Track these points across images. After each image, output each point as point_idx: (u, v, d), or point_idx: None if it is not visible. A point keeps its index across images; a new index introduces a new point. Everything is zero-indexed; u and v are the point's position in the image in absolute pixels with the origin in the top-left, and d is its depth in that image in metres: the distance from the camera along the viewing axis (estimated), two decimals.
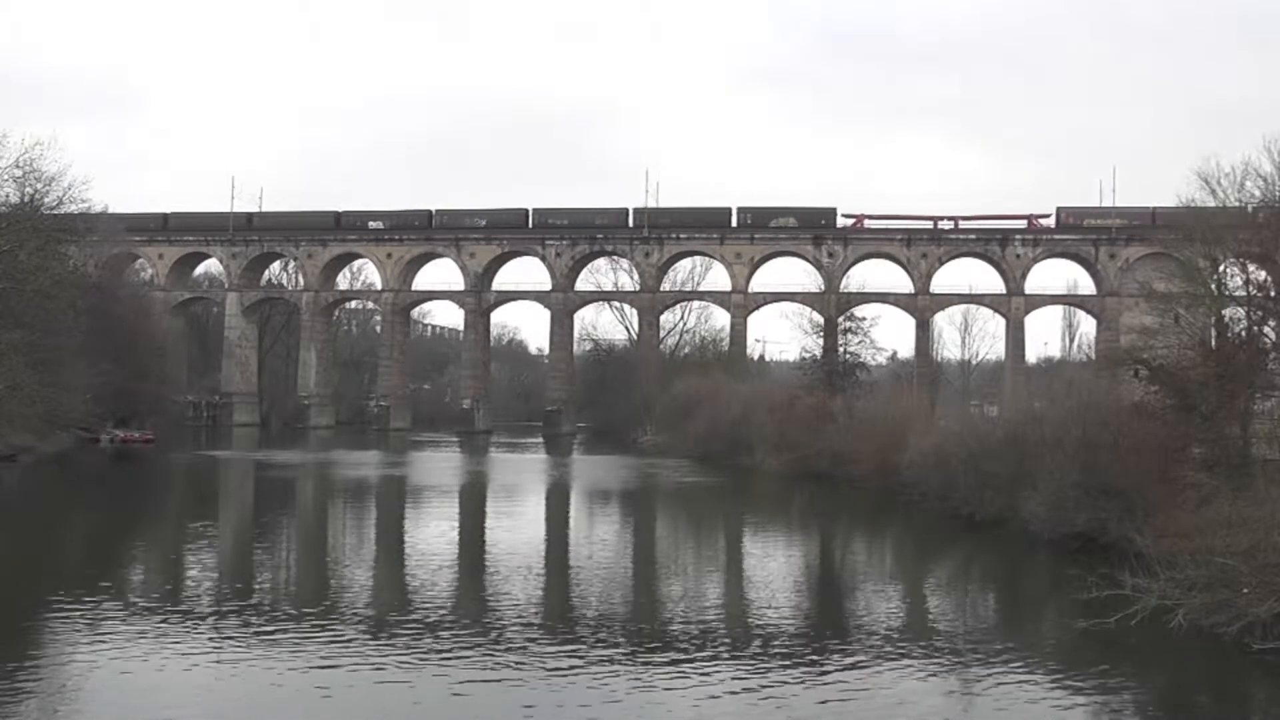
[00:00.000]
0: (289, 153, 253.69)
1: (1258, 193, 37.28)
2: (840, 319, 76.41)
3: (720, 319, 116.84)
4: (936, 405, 73.05)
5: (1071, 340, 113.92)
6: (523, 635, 20.34)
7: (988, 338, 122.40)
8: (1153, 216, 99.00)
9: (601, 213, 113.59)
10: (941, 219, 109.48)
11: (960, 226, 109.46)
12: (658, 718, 15.76)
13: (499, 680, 17.21)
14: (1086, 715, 16.62)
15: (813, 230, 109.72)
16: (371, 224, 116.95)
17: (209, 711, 15.50)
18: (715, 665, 18.38)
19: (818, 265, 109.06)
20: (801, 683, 17.45)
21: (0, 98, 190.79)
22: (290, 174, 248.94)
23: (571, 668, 17.99)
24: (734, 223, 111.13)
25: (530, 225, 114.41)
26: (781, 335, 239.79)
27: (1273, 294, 34.15)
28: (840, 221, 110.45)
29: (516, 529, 40.10)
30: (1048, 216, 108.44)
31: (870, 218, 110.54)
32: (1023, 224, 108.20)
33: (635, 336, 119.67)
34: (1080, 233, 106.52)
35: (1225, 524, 22.33)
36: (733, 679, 17.51)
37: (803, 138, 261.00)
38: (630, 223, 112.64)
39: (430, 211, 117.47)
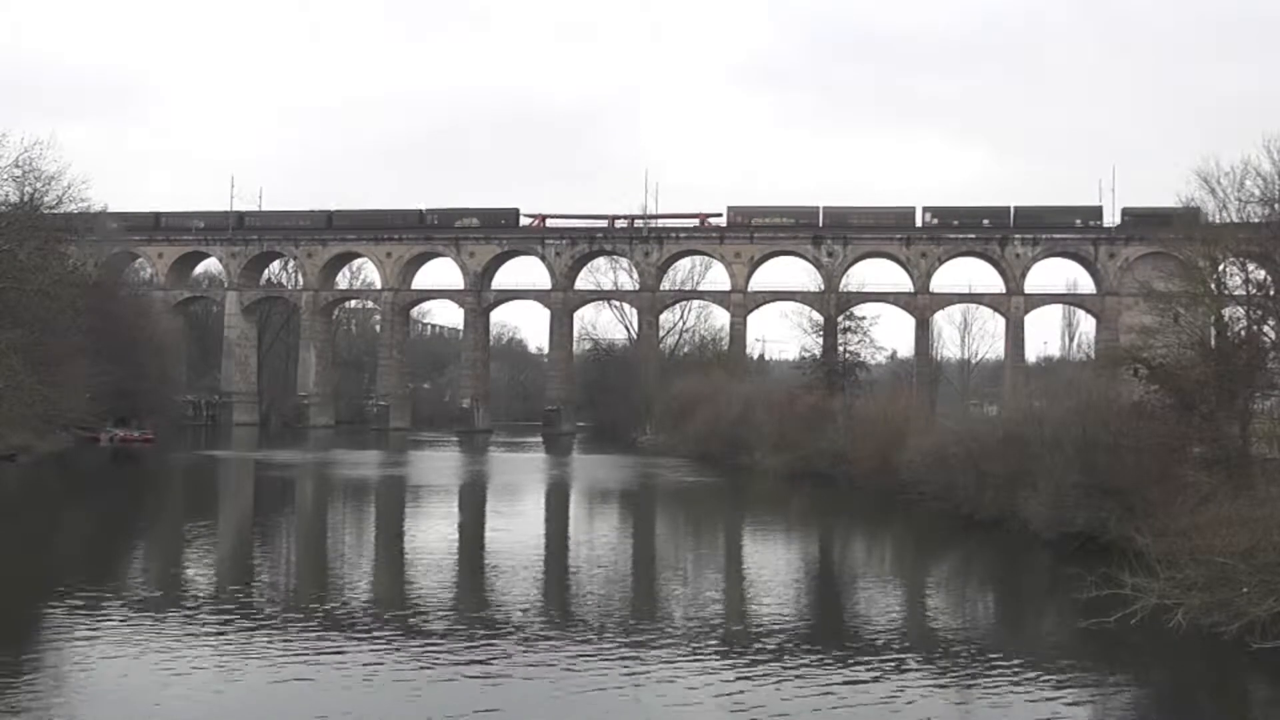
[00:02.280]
0: (289, 152, 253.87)
1: (1257, 192, 37.27)
2: (840, 318, 76.35)
3: (720, 318, 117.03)
4: (936, 405, 73.20)
5: (1071, 339, 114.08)
6: (523, 634, 20.34)
7: (987, 337, 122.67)
8: (819, 215, 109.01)
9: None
10: (619, 217, 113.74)
11: (636, 225, 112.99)
12: (657, 716, 15.75)
13: (499, 679, 17.20)
14: (1086, 714, 16.62)
15: (496, 230, 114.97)
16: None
17: (209, 711, 15.50)
18: (715, 664, 18.38)
19: (817, 264, 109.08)
20: (801, 682, 17.44)
21: (0, 97, 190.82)
22: (291, 173, 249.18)
23: (571, 667, 17.99)
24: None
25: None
26: (781, 335, 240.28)
27: (1272, 293, 34.11)
28: (522, 220, 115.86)
29: (516, 528, 40.09)
30: (719, 215, 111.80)
31: (551, 217, 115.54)
32: (695, 223, 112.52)
33: (635, 336, 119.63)
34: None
35: (1225, 523, 22.32)
36: (732, 678, 17.52)
37: (803, 138, 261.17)
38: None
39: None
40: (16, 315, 55.04)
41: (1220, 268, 35.44)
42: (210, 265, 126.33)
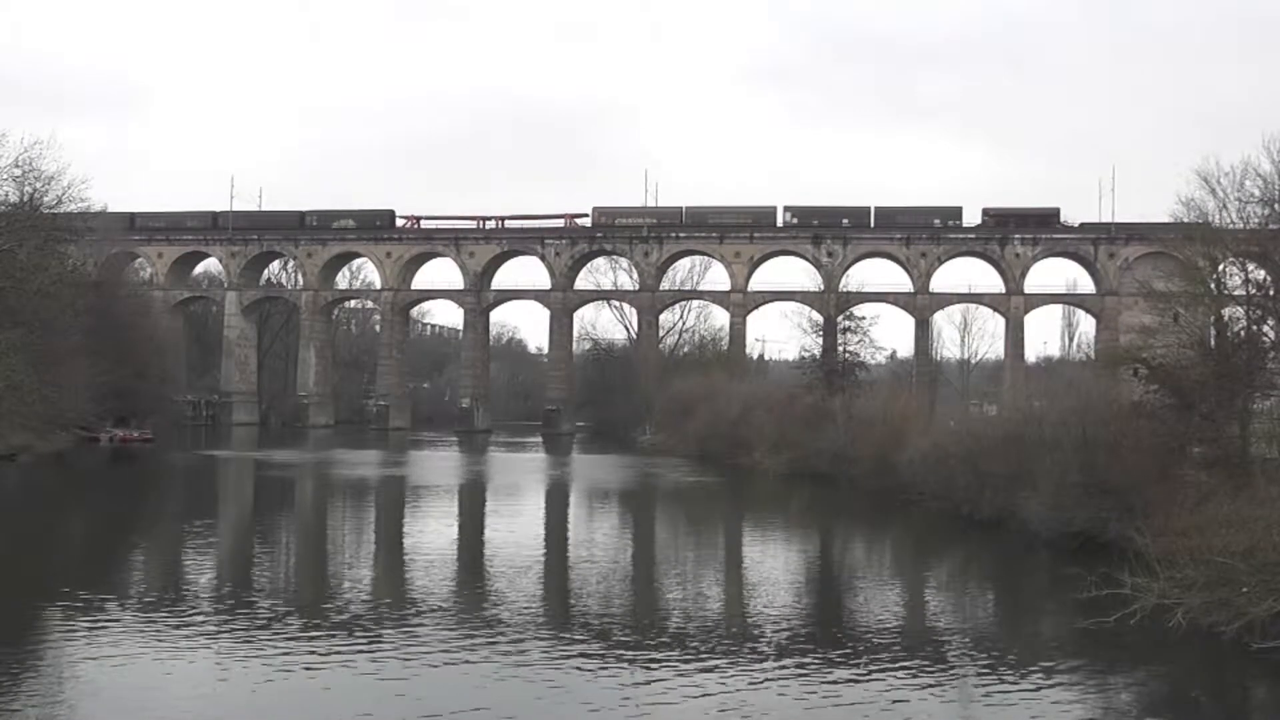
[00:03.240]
0: (289, 152, 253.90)
1: (1257, 192, 37.31)
2: (839, 318, 76.28)
3: (719, 318, 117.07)
4: (936, 404, 73.16)
5: (1071, 339, 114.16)
6: (523, 634, 20.33)
7: (987, 337, 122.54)
8: (681, 215, 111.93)
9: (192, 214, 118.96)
10: (488, 219, 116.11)
11: (507, 226, 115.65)
12: (656, 716, 15.75)
13: (499, 679, 17.20)
14: (1085, 714, 16.61)
15: (371, 231, 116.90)
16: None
17: (209, 711, 15.50)
18: (714, 664, 18.37)
19: (817, 264, 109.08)
20: (800, 681, 17.44)
21: (0, 97, 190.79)
22: (291, 174, 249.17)
23: (571, 667, 17.99)
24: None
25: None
26: (781, 334, 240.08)
27: (1272, 293, 34.11)
28: (398, 222, 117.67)
29: (516, 529, 40.07)
30: (584, 216, 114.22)
31: (425, 218, 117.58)
32: (561, 223, 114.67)
33: (634, 336, 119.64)
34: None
35: (1224, 523, 22.33)
36: (732, 677, 17.52)
37: (803, 137, 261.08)
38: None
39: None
40: (16, 315, 55.08)
41: (1220, 267, 35.46)
42: (210, 265, 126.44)
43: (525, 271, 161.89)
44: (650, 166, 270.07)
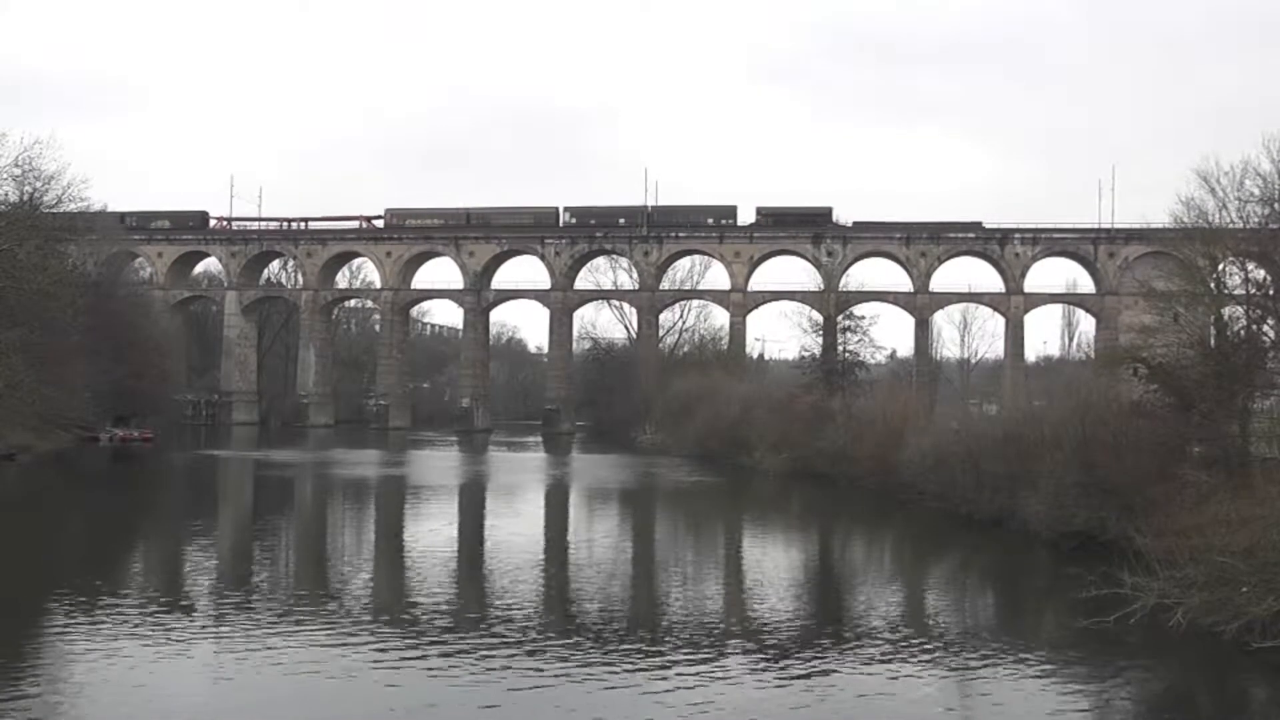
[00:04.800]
0: (289, 152, 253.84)
1: (1257, 191, 37.27)
2: (839, 318, 76.37)
3: (719, 318, 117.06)
4: (935, 404, 73.17)
5: (1071, 339, 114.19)
6: (522, 633, 20.34)
7: (987, 336, 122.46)
8: (467, 217, 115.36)
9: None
10: (309, 219, 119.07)
11: (311, 228, 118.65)
12: (656, 715, 15.75)
13: (499, 679, 17.20)
14: (1085, 714, 16.62)
15: (185, 231, 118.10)
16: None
17: (208, 710, 15.50)
18: (715, 663, 18.37)
19: (817, 264, 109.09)
20: (799, 681, 17.45)
21: (0, 97, 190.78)
22: (291, 174, 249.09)
23: (571, 666, 17.98)
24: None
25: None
26: (781, 334, 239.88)
27: (1271, 293, 34.10)
28: (211, 223, 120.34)
29: (516, 529, 40.07)
30: (380, 217, 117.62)
31: (236, 220, 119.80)
32: (356, 224, 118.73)
33: (634, 335, 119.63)
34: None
35: (1224, 523, 22.34)
36: (732, 676, 17.52)
37: (804, 138, 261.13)
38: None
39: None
40: (16, 315, 55.05)
41: (1220, 267, 35.45)
42: (210, 265, 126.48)
43: (525, 271, 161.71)
44: (656, 166, 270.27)
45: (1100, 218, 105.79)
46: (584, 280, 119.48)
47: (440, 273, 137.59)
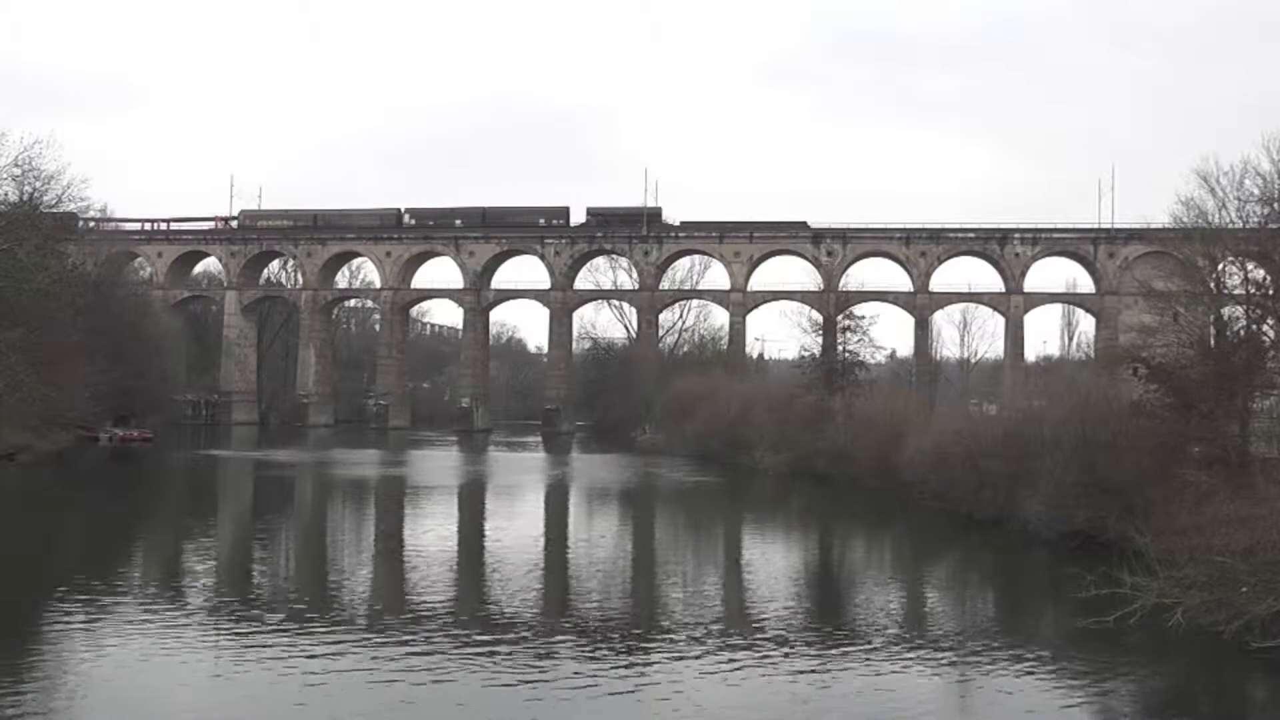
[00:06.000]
0: (289, 152, 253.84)
1: (1256, 191, 37.27)
2: (839, 317, 76.11)
3: (719, 317, 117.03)
4: (935, 404, 73.09)
5: (1070, 339, 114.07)
6: (522, 633, 20.35)
7: (987, 336, 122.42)
8: (314, 218, 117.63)
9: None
10: (147, 220, 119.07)
11: (172, 229, 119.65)
12: (656, 714, 15.76)
13: (500, 679, 17.20)
14: (1085, 714, 16.63)
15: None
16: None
17: (208, 710, 15.50)
18: (715, 663, 18.37)
19: (816, 264, 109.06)
20: (800, 680, 17.45)
21: (0, 97, 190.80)
22: (290, 174, 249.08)
23: (571, 665, 17.99)
24: None
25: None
26: (780, 334, 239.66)
27: (1271, 292, 34.11)
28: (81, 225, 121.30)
29: (516, 529, 40.08)
30: (235, 219, 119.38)
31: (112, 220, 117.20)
32: (211, 224, 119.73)
33: (634, 335, 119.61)
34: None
35: (1224, 522, 22.32)
36: (732, 676, 17.53)
37: (804, 137, 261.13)
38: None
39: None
40: (16, 315, 55.01)
41: (1219, 267, 35.45)
42: (210, 264, 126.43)
43: (525, 271, 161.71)
44: (659, 166, 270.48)
45: (1100, 218, 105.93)
46: (584, 280, 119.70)
47: (440, 273, 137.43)
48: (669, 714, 15.75)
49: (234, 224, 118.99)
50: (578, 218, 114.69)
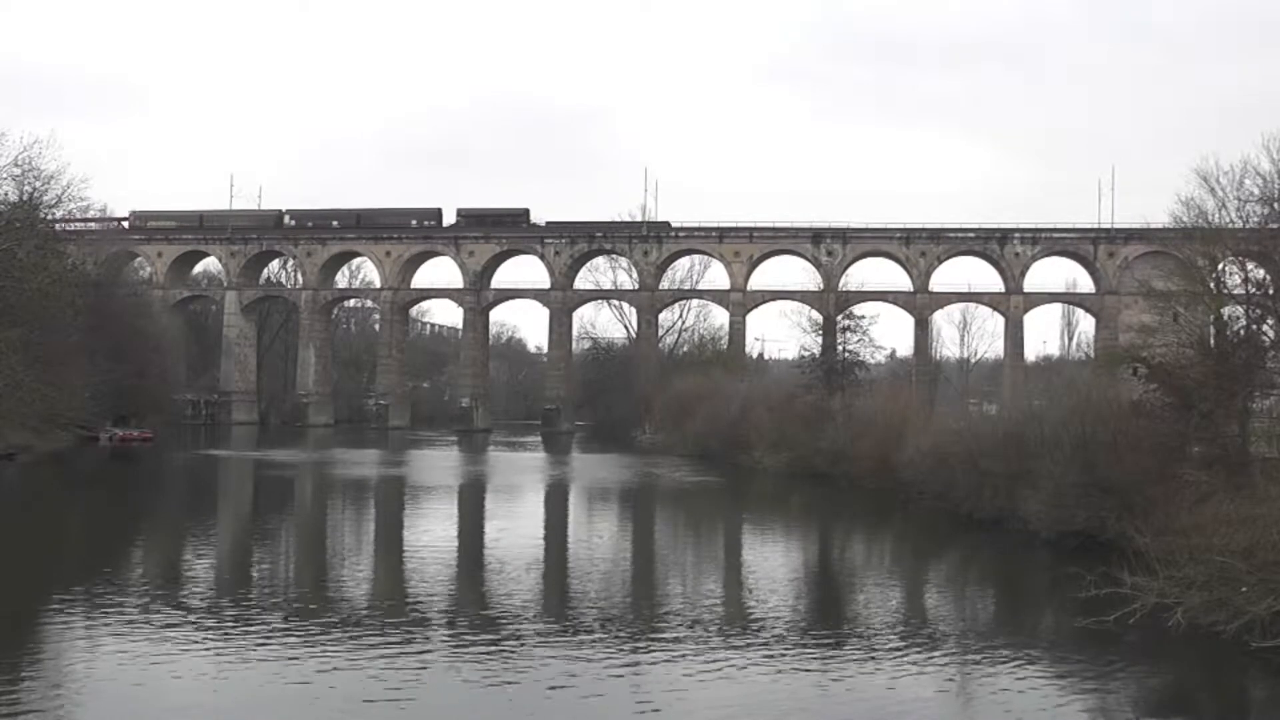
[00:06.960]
0: (290, 152, 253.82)
1: (1256, 191, 37.32)
2: (839, 317, 76.15)
3: (719, 317, 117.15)
4: (935, 404, 73.15)
5: (1070, 338, 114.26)
6: (523, 633, 20.34)
7: (986, 336, 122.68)
8: (200, 219, 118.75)
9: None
10: (76, 220, 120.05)
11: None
12: (660, 713, 15.76)
13: (500, 678, 17.20)
14: (1085, 713, 16.63)
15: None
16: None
17: (209, 711, 15.49)
18: (715, 662, 18.37)
19: (816, 264, 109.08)
20: (800, 680, 17.46)
21: (0, 97, 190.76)
22: (291, 173, 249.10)
23: (574, 665, 17.98)
24: None
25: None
26: (780, 334, 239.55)
27: (1271, 292, 34.11)
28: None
29: (516, 528, 40.07)
30: (125, 219, 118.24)
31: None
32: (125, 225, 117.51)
33: (634, 335, 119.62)
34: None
35: (1224, 522, 22.32)
36: (732, 675, 17.53)
37: (804, 137, 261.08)
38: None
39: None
40: (16, 315, 55.04)
41: (1219, 267, 35.46)
42: (210, 264, 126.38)
43: (525, 271, 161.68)
44: (659, 168, 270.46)
45: (1100, 217, 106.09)
46: (584, 280, 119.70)
47: (440, 272, 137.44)
48: (669, 714, 15.75)
49: (124, 224, 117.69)
50: (449, 219, 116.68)
